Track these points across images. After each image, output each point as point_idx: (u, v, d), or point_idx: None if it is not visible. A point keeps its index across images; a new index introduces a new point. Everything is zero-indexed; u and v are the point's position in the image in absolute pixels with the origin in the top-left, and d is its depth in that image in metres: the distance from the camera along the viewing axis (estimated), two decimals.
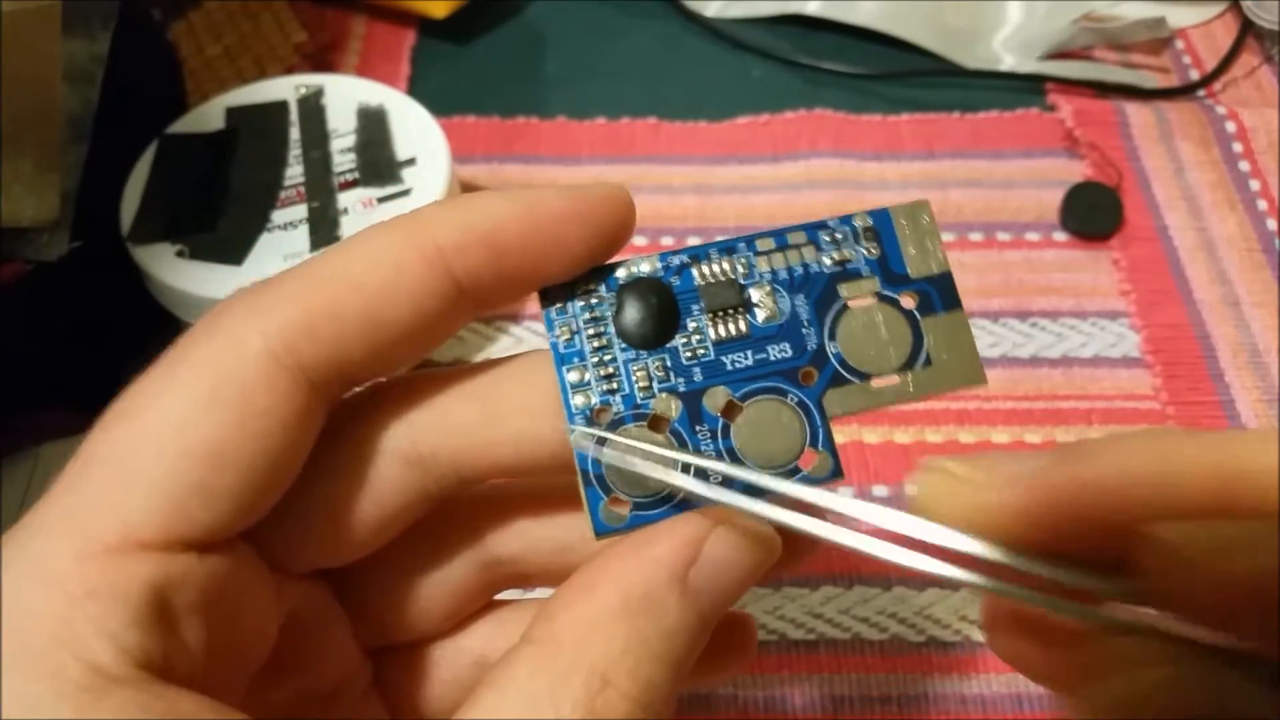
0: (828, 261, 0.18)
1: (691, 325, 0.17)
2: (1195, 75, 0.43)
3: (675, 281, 0.17)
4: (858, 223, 0.18)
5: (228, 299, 0.16)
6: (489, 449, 0.17)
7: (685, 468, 0.16)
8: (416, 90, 0.43)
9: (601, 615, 0.15)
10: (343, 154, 0.33)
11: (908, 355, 0.17)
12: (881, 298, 0.18)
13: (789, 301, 0.17)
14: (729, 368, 0.17)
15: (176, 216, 0.32)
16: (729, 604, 0.16)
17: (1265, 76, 0.43)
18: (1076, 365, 0.34)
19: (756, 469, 0.16)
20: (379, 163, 0.33)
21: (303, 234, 0.31)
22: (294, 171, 0.33)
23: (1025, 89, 0.42)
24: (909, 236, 0.18)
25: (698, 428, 0.17)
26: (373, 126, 0.34)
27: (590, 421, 0.17)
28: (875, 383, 0.17)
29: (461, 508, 0.19)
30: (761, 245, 0.18)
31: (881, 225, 0.18)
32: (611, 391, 0.17)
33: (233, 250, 0.31)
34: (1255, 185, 0.39)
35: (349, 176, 0.32)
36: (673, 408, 0.17)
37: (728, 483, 0.16)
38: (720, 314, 0.17)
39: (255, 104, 0.35)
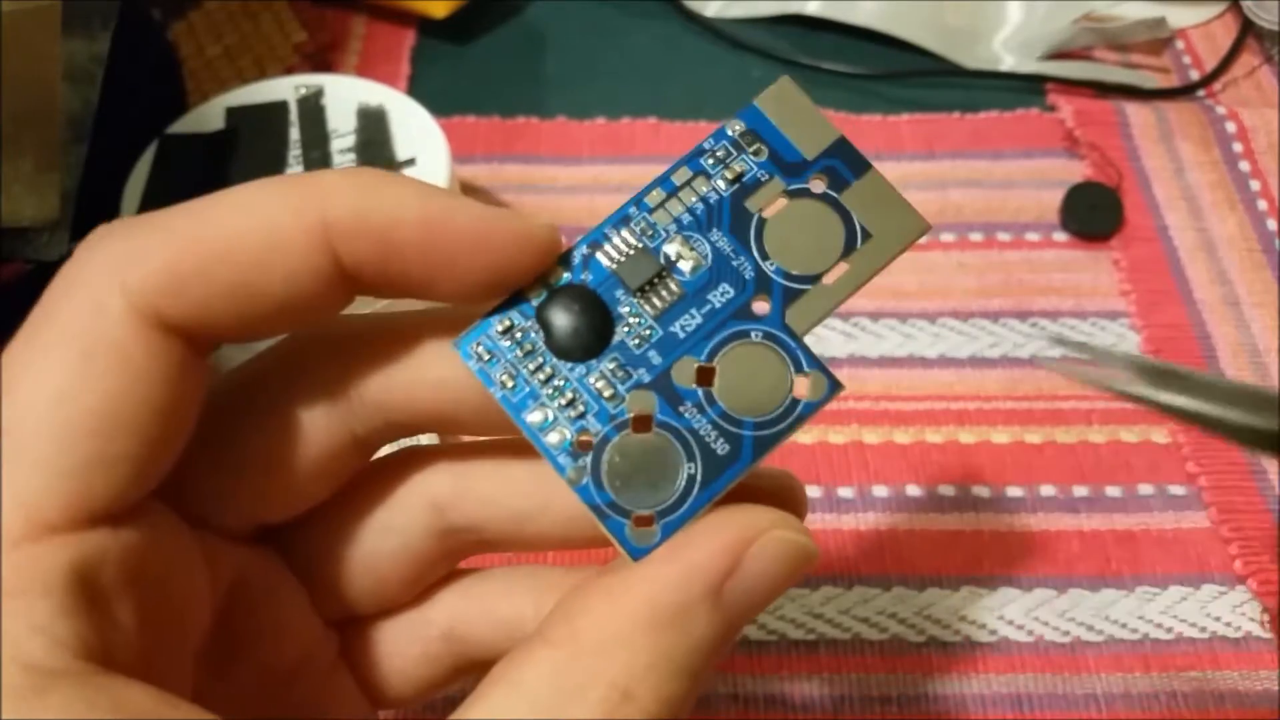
0: (722, 185, 0.17)
1: (625, 311, 0.16)
2: (1195, 75, 0.43)
3: (588, 277, 0.16)
4: (732, 131, 0.17)
5: (87, 244, 0.15)
6: (411, 390, 0.17)
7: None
8: (416, 90, 0.43)
9: (628, 625, 0.14)
10: (343, 154, 0.33)
11: (844, 238, 0.17)
12: (791, 194, 0.17)
13: (706, 242, 0.17)
14: (682, 335, 0.16)
15: None
16: (758, 614, 0.15)
17: (1265, 77, 0.43)
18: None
19: (755, 424, 0.16)
20: (379, 163, 0.33)
21: None
22: (294, 171, 0.33)
23: (1025, 89, 0.43)
24: (787, 121, 0.17)
25: (682, 408, 0.16)
26: (373, 126, 0.34)
27: (576, 455, 0.16)
28: (827, 280, 0.16)
29: (414, 472, 0.18)
30: (652, 200, 0.17)
31: (755, 122, 0.17)
32: (581, 415, 0.16)
33: None
34: (1255, 185, 0.39)
35: None
36: (647, 402, 0.16)
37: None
38: (647, 287, 0.16)
39: (255, 104, 0.35)
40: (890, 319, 0.35)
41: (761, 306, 0.16)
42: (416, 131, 0.34)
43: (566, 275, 0.16)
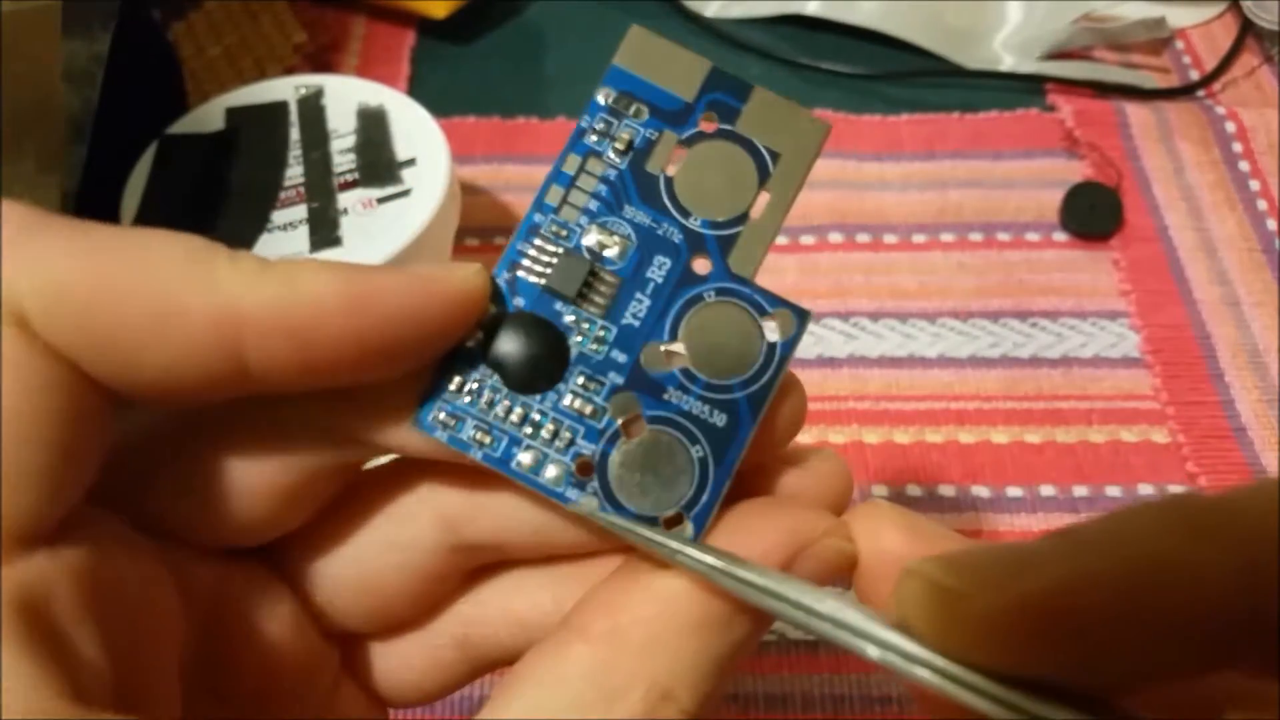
0: (616, 158, 0.16)
1: (571, 320, 0.15)
2: (1195, 75, 0.43)
3: (520, 302, 0.15)
4: (605, 100, 0.16)
5: None
6: (402, 435, 0.15)
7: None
8: (416, 90, 0.43)
9: (673, 627, 0.14)
10: (342, 154, 0.33)
11: (755, 167, 0.16)
12: (686, 141, 0.16)
13: (623, 221, 0.16)
14: (637, 323, 0.15)
15: (176, 217, 0.32)
16: None
17: (1265, 77, 0.43)
18: (1076, 365, 0.34)
19: (743, 383, 0.15)
20: (379, 163, 0.33)
21: (302, 234, 0.31)
22: (294, 172, 0.33)
23: (1025, 89, 0.42)
24: (653, 69, 0.16)
25: (666, 395, 0.15)
26: (372, 127, 0.34)
27: (581, 483, 0.15)
28: (755, 214, 0.16)
29: (420, 485, 0.17)
30: (552, 198, 0.16)
31: (623, 83, 0.16)
32: (570, 443, 0.15)
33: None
34: (1255, 185, 0.39)
35: (349, 177, 0.32)
36: (630, 404, 0.15)
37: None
38: (585, 289, 0.15)
39: (255, 104, 0.35)
40: (890, 319, 0.35)
41: (702, 265, 0.16)
42: (416, 132, 0.34)
43: (501, 308, 0.15)
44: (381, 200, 0.32)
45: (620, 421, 0.15)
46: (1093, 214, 0.38)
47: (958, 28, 0.44)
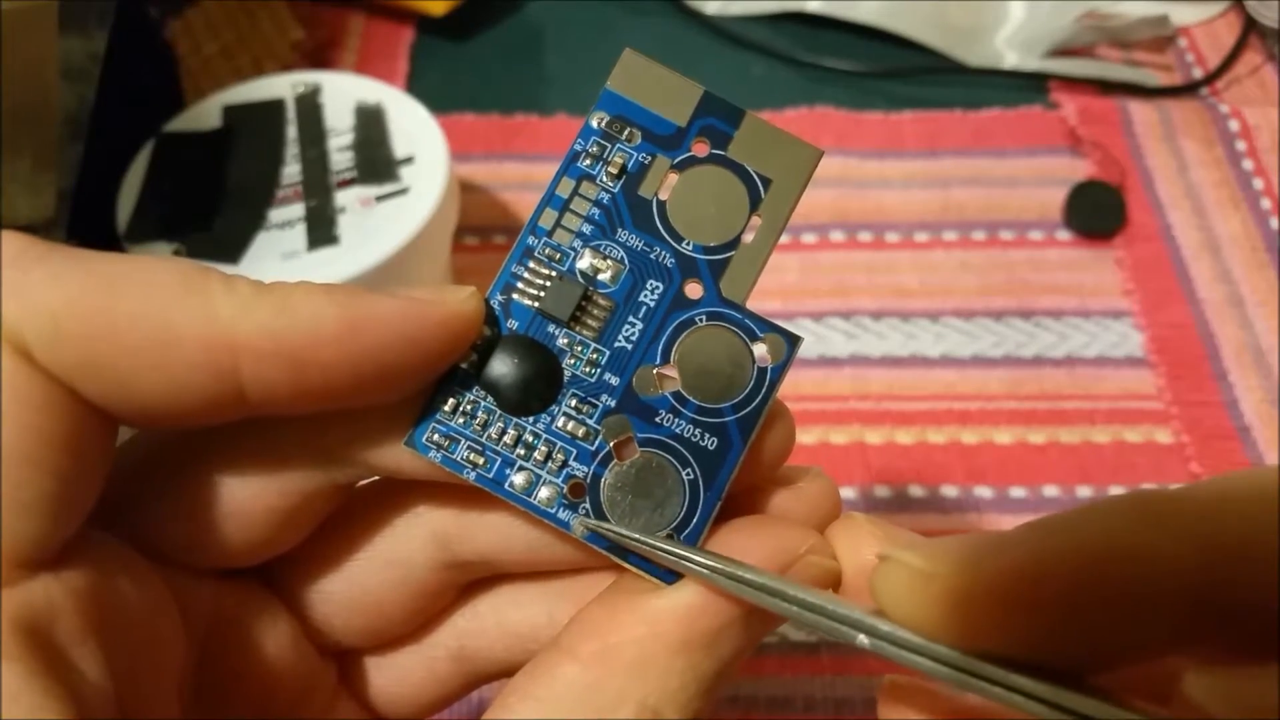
0: (609, 182, 0.16)
1: (564, 343, 0.16)
2: (1199, 73, 0.43)
3: (514, 324, 0.16)
4: (598, 124, 0.16)
5: None
6: (399, 456, 0.16)
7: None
8: (415, 88, 0.43)
9: (662, 647, 0.14)
10: (340, 152, 0.33)
11: (747, 192, 0.16)
12: (679, 167, 0.16)
13: (616, 245, 0.16)
14: (629, 347, 0.16)
15: (173, 215, 0.31)
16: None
17: (1269, 75, 0.42)
18: (1080, 365, 0.34)
19: (733, 407, 0.16)
20: (377, 161, 0.33)
21: (300, 233, 0.31)
22: (291, 170, 0.33)
23: (1028, 87, 0.42)
24: (646, 94, 0.16)
25: (658, 419, 0.15)
26: (370, 124, 0.34)
27: (574, 505, 0.15)
28: (746, 240, 0.16)
29: (414, 503, 0.17)
30: (546, 221, 0.16)
31: (616, 107, 0.16)
32: (563, 464, 0.15)
33: (229, 249, 0.31)
34: (1259, 184, 0.38)
35: (346, 175, 0.32)
36: (622, 426, 0.15)
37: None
38: (578, 312, 0.16)
39: (252, 102, 0.34)
40: (893, 318, 0.35)
41: (694, 289, 0.16)
42: (415, 129, 0.33)
43: (495, 331, 0.16)
44: (380, 198, 0.32)
45: (612, 443, 0.15)
46: (1096, 213, 0.37)
47: (960, 25, 0.44)
